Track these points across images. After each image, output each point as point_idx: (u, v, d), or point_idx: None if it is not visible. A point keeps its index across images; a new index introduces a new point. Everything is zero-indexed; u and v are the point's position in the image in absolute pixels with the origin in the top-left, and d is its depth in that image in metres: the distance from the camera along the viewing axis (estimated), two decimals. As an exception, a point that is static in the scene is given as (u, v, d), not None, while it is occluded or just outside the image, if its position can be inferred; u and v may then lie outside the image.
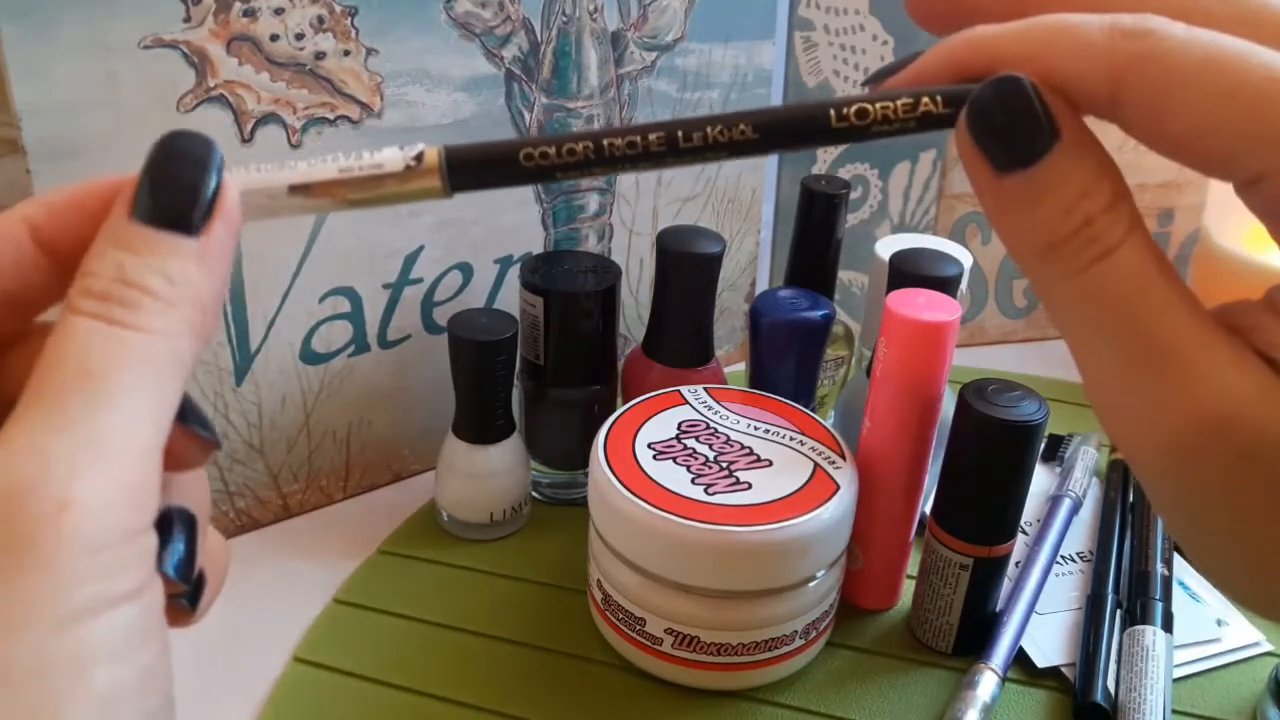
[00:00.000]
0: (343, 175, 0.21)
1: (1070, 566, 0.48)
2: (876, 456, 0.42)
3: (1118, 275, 0.18)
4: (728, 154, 0.20)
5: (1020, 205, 0.19)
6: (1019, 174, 0.19)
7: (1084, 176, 0.18)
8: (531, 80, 0.50)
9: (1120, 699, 0.40)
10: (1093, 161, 0.19)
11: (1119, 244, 0.18)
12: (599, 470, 0.40)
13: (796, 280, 0.53)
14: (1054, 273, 0.19)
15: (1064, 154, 0.18)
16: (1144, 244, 0.18)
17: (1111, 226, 0.18)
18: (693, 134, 0.20)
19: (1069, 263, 0.18)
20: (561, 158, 0.20)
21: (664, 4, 0.53)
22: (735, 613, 0.39)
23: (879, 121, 0.20)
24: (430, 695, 0.41)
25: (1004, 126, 0.19)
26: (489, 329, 0.45)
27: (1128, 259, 0.18)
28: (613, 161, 0.20)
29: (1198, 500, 0.19)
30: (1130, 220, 0.18)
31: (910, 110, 0.20)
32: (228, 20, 0.40)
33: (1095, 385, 0.19)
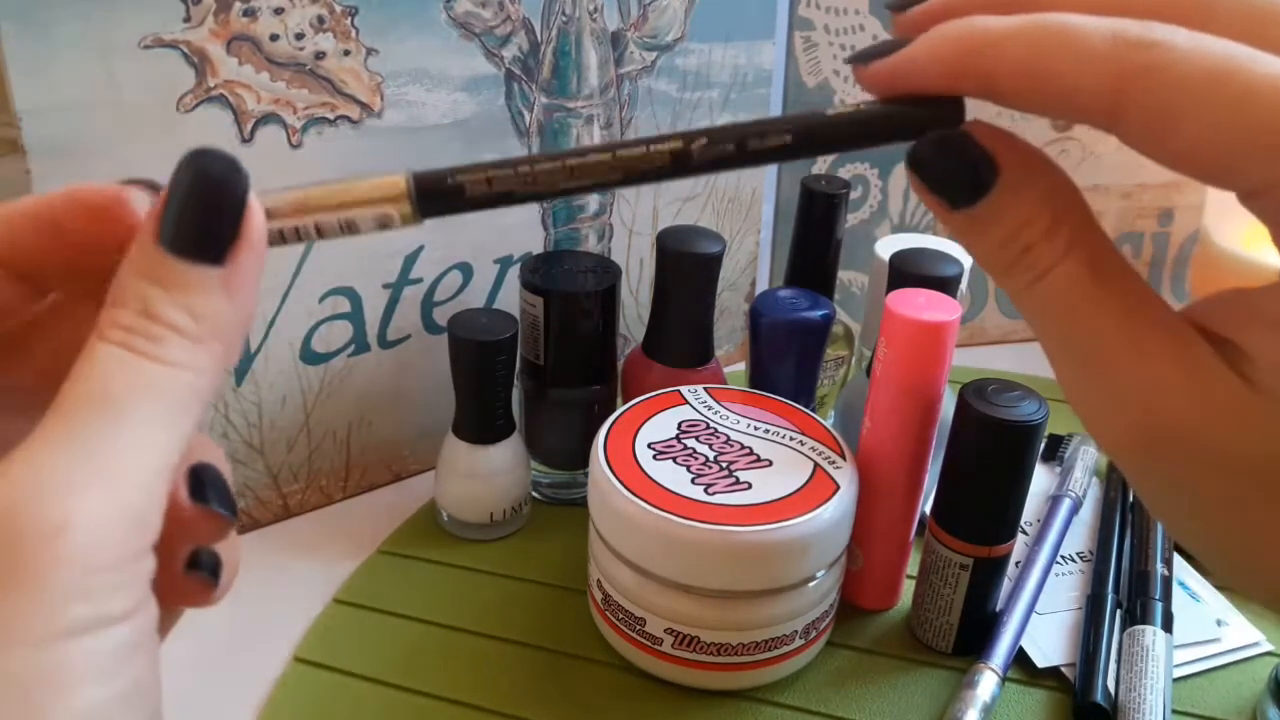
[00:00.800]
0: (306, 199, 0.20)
1: (1070, 566, 0.48)
2: (876, 456, 0.42)
3: (1053, 293, 0.20)
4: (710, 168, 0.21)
5: (969, 235, 0.21)
6: (963, 212, 0.21)
7: (1021, 210, 0.20)
8: (531, 80, 0.50)
9: (1120, 699, 0.40)
10: (1032, 194, 0.20)
11: (1054, 266, 0.20)
12: (599, 470, 0.40)
13: (796, 280, 0.53)
14: (1007, 289, 0.21)
15: (1002, 193, 0.20)
16: (1081, 262, 0.20)
17: (1048, 251, 0.20)
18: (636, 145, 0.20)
19: (1015, 281, 0.20)
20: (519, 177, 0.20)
21: (664, 4, 0.53)
22: (735, 613, 0.39)
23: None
24: (430, 695, 0.41)
25: (943, 176, 0.21)
26: (489, 329, 0.45)
27: (1062, 278, 0.20)
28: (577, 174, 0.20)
29: (1156, 489, 0.20)
30: (1069, 241, 0.20)
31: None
32: (228, 20, 0.40)
33: (1061, 385, 0.21)
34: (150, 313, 0.18)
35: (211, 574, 0.22)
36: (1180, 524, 0.21)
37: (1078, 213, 0.20)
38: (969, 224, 0.21)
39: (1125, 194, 0.67)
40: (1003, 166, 0.20)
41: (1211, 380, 0.19)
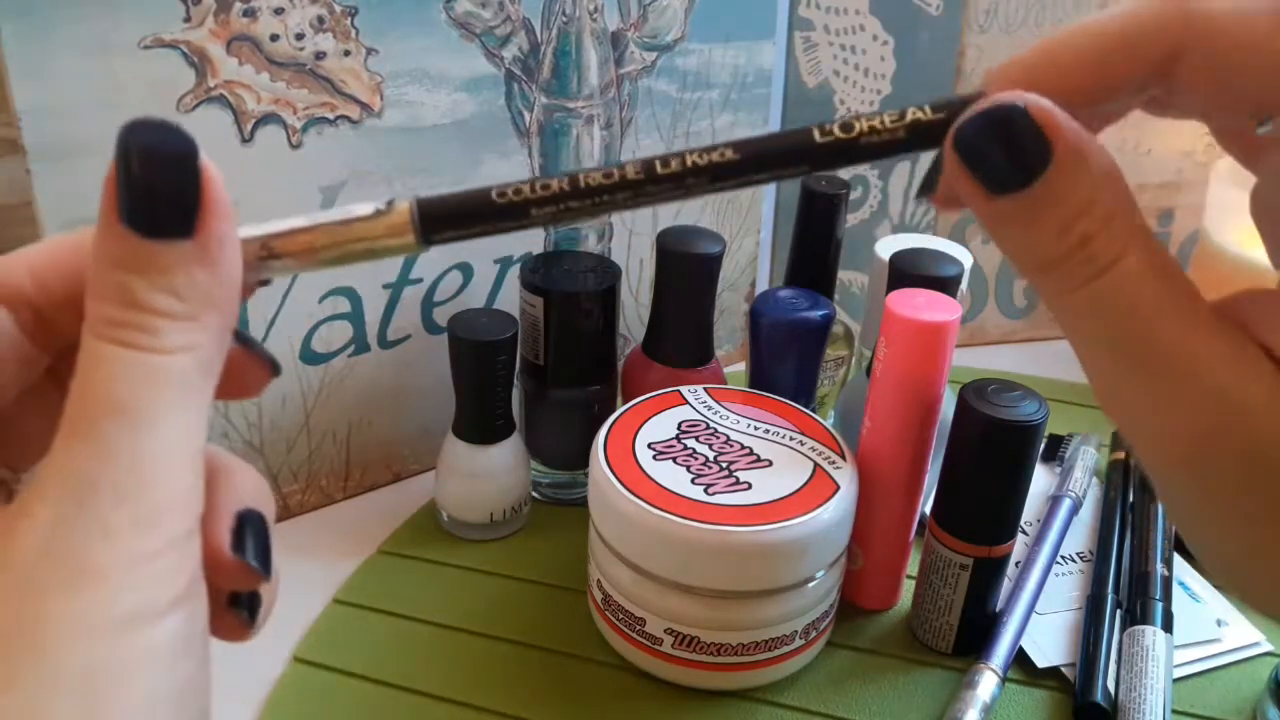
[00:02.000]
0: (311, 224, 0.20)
1: (1070, 566, 0.48)
2: (876, 456, 0.42)
3: (1114, 291, 0.18)
4: (709, 181, 0.20)
5: (1015, 226, 0.19)
6: (1011, 197, 0.18)
7: (1080, 195, 0.18)
8: (531, 80, 0.50)
9: (1120, 699, 0.40)
10: (1090, 177, 0.18)
11: (1116, 260, 0.18)
12: (599, 470, 0.40)
13: (796, 280, 0.53)
14: (1053, 288, 0.19)
15: (1059, 174, 0.18)
16: (1143, 255, 0.18)
17: (1109, 243, 0.18)
18: (670, 161, 0.19)
19: (1067, 280, 0.18)
20: (535, 192, 0.20)
21: (664, 4, 0.53)
22: (735, 613, 0.39)
23: (866, 134, 0.19)
24: (430, 695, 0.41)
25: (994, 154, 0.18)
26: (489, 329, 0.45)
27: (1124, 274, 0.18)
28: (589, 193, 0.19)
29: (1203, 502, 0.19)
30: (1129, 233, 0.18)
31: (898, 120, 0.19)
32: (228, 20, 0.40)
33: (1101, 391, 0.19)
34: (136, 303, 0.18)
35: (249, 614, 0.22)
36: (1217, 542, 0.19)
37: (1130, 202, 0.18)
38: (1016, 212, 0.18)
39: (1125, 194, 0.67)
40: (1056, 145, 0.18)
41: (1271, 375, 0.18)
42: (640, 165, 0.19)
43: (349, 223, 0.20)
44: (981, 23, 0.62)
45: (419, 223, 0.20)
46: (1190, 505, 0.19)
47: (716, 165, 0.19)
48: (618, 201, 0.20)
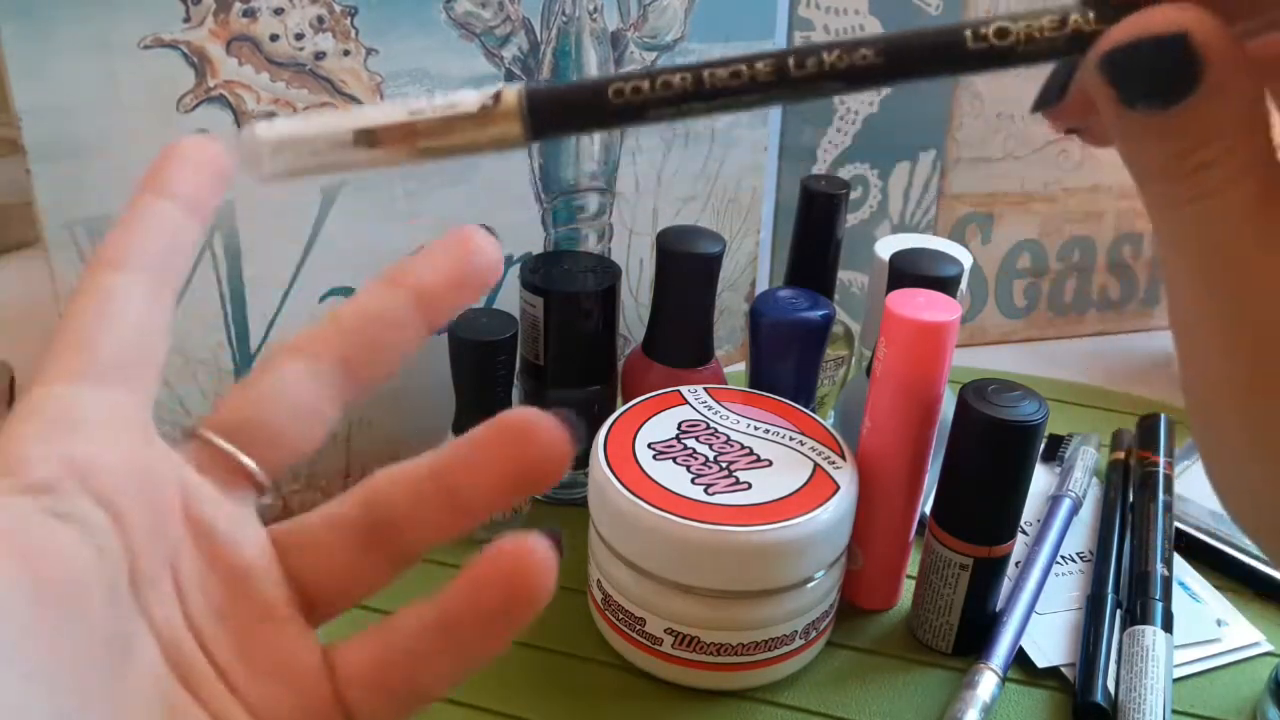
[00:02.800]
0: (413, 118, 0.19)
1: (1070, 566, 0.48)
2: (876, 456, 0.42)
3: (1213, 216, 0.18)
4: (845, 84, 0.18)
5: (1141, 138, 0.19)
6: (1146, 113, 0.18)
7: (1210, 126, 0.18)
8: (531, 80, 0.50)
9: (1120, 699, 0.40)
10: (1229, 108, 0.18)
11: (1224, 189, 0.18)
12: (599, 470, 0.40)
13: (796, 280, 0.53)
14: (1157, 198, 0.19)
15: (1200, 101, 0.18)
16: (1254, 187, 0.18)
17: (1224, 171, 0.18)
18: (806, 60, 0.18)
19: (1172, 195, 0.19)
20: (655, 91, 0.18)
21: (664, 4, 0.53)
22: (735, 613, 0.39)
23: (1023, 41, 0.18)
24: (430, 695, 0.41)
25: (1144, 74, 0.18)
26: (489, 329, 0.45)
27: (1228, 203, 0.18)
28: (714, 95, 0.18)
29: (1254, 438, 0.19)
30: (1249, 163, 0.18)
31: (1058, 28, 0.18)
32: (228, 20, 0.40)
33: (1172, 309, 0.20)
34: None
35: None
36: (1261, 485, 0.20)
37: (1263, 131, 0.18)
38: (1146, 127, 0.18)
39: (1125, 194, 0.67)
40: (1210, 69, 0.18)
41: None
42: (772, 64, 0.18)
43: (453, 118, 0.19)
44: (981, 23, 0.62)
45: (528, 119, 0.19)
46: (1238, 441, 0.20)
47: (857, 69, 0.18)
48: (744, 103, 0.18)
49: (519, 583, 0.22)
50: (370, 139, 0.19)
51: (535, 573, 0.21)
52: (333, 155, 0.19)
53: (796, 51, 0.18)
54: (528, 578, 0.22)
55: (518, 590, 0.22)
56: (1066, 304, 0.70)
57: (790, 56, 0.18)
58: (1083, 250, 0.69)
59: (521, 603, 0.22)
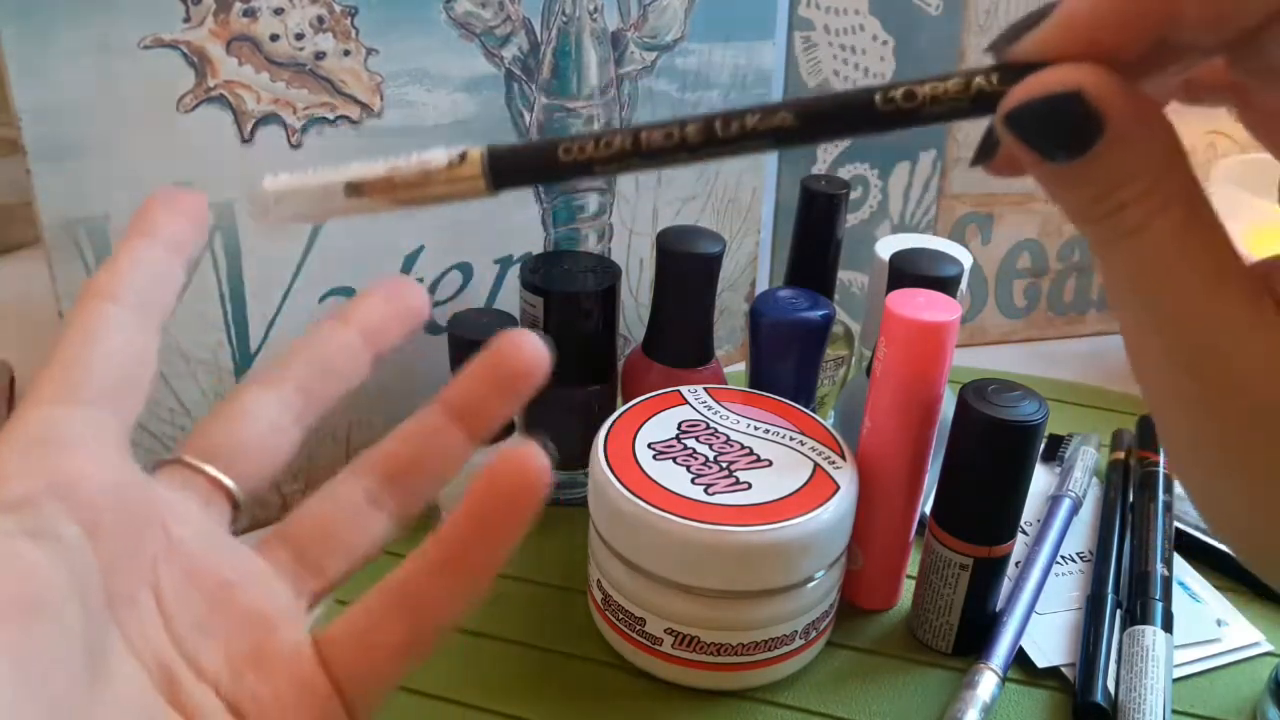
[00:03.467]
0: (392, 173, 0.22)
1: (1070, 566, 0.48)
2: (876, 456, 0.42)
3: (1143, 252, 0.19)
4: (771, 143, 0.20)
5: (1060, 185, 0.20)
6: (1061, 165, 0.19)
7: (1122, 169, 0.19)
8: (531, 80, 0.50)
9: (1120, 699, 0.40)
10: (1135, 153, 0.19)
11: (1147, 225, 0.19)
12: (599, 470, 0.40)
13: (796, 280, 0.53)
14: (1092, 240, 0.20)
15: (1107, 149, 0.19)
16: (1177, 220, 0.19)
17: (1145, 208, 0.19)
18: (731, 123, 0.20)
19: (1103, 235, 0.20)
20: (599, 150, 0.20)
21: (664, 4, 0.53)
22: (735, 613, 0.39)
23: (929, 102, 0.19)
24: (429, 695, 0.41)
25: (1047, 131, 0.19)
26: (489, 329, 0.45)
27: (1154, 238, 0.19)
28: (650, 155, 0.20)
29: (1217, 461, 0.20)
30: (1167, 198, 0.19)
31: (963, 91, 0.19)
32: (228, 20, 0.40)
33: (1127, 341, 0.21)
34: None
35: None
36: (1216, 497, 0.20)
37: (1179, 168, 0.19)
38: (1060, 178, 0.20)
39: (1125, 194, 0.67)
40: (1110, 120, 0.18)
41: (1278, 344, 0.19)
42: (701, 127, 0.20)
43: (426, 172, 0.22)
44: (981, 23, 0.62)
45: (489, 174, 0.21)
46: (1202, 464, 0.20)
47: (777, 130, 0.20)
48: (678, 160, 0.20)
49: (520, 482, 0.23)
50: (357, 190, 0.22)
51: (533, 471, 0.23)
52: (326, 204, 0.22)
53: (723, 115, 0.20)
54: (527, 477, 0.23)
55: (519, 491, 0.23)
56: (1066, 304, 0.70)
57: (717, 120, 0.20)
58: (1083, 250, 0.69)
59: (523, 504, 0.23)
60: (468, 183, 0.21)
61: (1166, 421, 0.21)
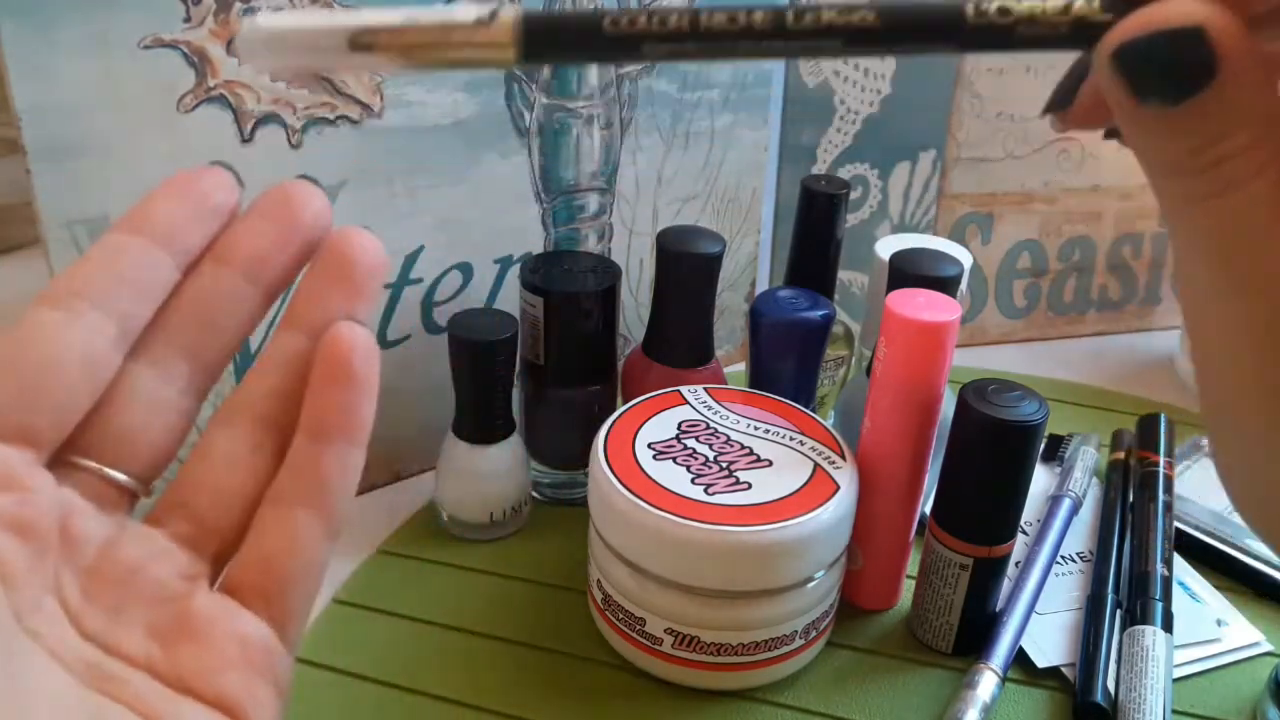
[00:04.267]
0: (408, 23, 0.19)
1: (1070, 566, 0.48)
2: (876, 456, 0.42)
3: (1232, 211, 0.18)
4: (842, 44, 0.18)
5: (1155, 133, 0.19)
6: (1161, 108, 0.18)
7: (1227, 120, 0.18)
8: (531, 80, 0.50)
9: (1120, 699, 0.40)
10: (1242, 103, 0.18)
11: (1244, 183, 0.18)
12: (599, 470, 0.40)
13: (796, 280, 0.53)
14: (1174, 194, 0.19)
15: (1215, 96, 0.18)
16: (1272, 184, 0.18)
17: (1243, 166, 0.18)
18: (805, 15, 0.18)
19: (1191, 190, 0.19)
20: (651, 26, 0.18)
21: (664, 4, 0.53)
22: (735, 613, 0.39)
23: (1025, 21, 0.18)
24: (430, 695, 0.41)
25: (1158, 68, 0.18)
26: (489, 329, 0.45)
27: (1247, 198, 0.18)
28: (709, 37, 0.18)
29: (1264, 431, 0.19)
30: (1262, 163, 0.18)
31: (1062, 12, 0.18)
32: (228, 20, 0.40)
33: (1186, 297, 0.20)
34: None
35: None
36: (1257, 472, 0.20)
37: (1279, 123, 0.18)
38: (1161, 121, 0.18)
39: (1125, 194, 0.67)
40: (1222, 68, 0.17)
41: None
42: (769, 14, 0.18)
43: (449, 27, 0.19)
44: (981, 23, 0.62)
45: (522, 39, 0.19)
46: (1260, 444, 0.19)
47: (854, 28, 0.18)
48: (738, 50, 0.18)
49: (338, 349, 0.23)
50: (365, 41, 0.19)
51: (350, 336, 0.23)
52: (327, 55, 0.19)
53: (795, 6, 0.18)
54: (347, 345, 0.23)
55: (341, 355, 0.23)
56: (1066, 304, 0.70)
57: (790, 10, 0.18)
58: (1083, 250, 0.69)
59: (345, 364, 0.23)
60: (494, 49, 0.19)
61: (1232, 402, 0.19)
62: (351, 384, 0.23)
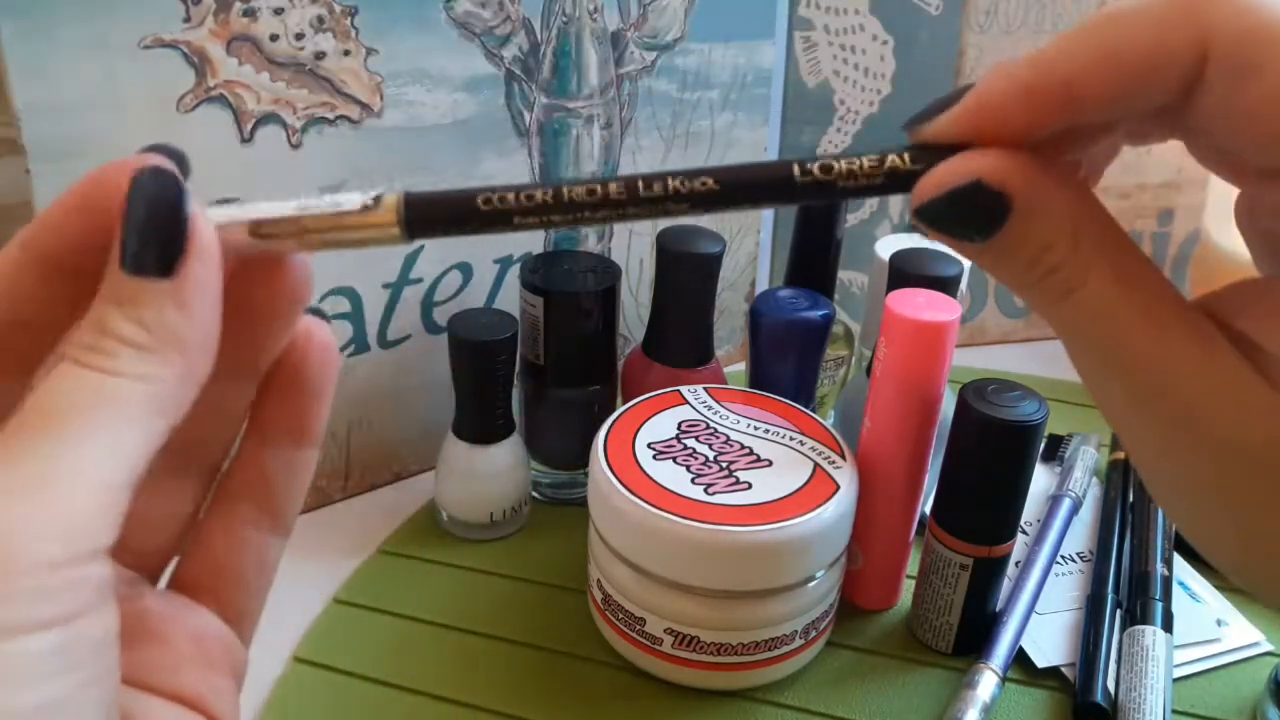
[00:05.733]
0: (301, 213, 0.20)
1: (1070, 566, 0.48)
2: (876, 456, 0.42)
3: (1084, 309, 0.20)
4: (688, 206, 0.20)
5: (984, 261, 0.20)
6: (978, 244, 0.20)
7: (1040, 236, 0.19)
8: (531, 80, 0.50)
9: (1120, 699, 0.40)
10: (1049, 217, 0.19)
11: (1082, 284, 0.19)
12: (599, 470, 0.40)
13: (796, 280, 0.53)
14: (1034, 304, 0.20)
15: (1015, 228, 0.19)
16: (1109, 274, 0.19)
17: (1075, 269, 0.19)
18: (654, 184, 0.20)
19: (1043, 299, 0.20)
20: (519, 203, 0.20)
21: (664, 4, 0.53)
22: (735, 613, 0.39)
23: (844, 177, 0.20)
24: (430, 695, 0.41)
25: (954, 223, 0.20)
26: (489, 329, 0.45)
27: (1091, 295, 0.19)
28: (571, 209, 0.20)
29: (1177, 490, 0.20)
30: (1094, 255, 0.19)
31: (876, 166, 0.20)
32: (228, 20, 0.40)
33: (1089, 389, 0.21)
34: (104, 328, 0.18)
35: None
36: (1200, 529, 0.20)
37: (1098, 221, 0.20)
38: (985, 255, 0.20)
39: (1125, 194, 0.67)
40: (1014, 195, 0.19)
41: (1234, 376, 0.19)
42: (623, 185, 0.20)
43: (339, 214, 0.20)
44: (981, 23, 0.62)
45: (405, 220, 0.20)
46: (1167, 493, 0.21)
47: (697, 193, 0.20)
48: (598, 218, 0.20)
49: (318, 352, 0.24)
50: (265, 231, 0.20)
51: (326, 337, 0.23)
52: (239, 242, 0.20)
53: (646, 176, 0.20)
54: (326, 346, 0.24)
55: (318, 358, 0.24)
56: (1066, 304, 0.70)
57: (640, 180, 0.20)
58: (1083, 250, 0.69)
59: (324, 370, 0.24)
60: (381, 229, 0.20)
61: (1143, 466, 0.21)
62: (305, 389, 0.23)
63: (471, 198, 0.20)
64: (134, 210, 0.19)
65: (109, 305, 0.19)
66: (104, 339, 0.18)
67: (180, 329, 0.19)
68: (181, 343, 0.19)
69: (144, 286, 0.19)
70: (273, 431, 0.23)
